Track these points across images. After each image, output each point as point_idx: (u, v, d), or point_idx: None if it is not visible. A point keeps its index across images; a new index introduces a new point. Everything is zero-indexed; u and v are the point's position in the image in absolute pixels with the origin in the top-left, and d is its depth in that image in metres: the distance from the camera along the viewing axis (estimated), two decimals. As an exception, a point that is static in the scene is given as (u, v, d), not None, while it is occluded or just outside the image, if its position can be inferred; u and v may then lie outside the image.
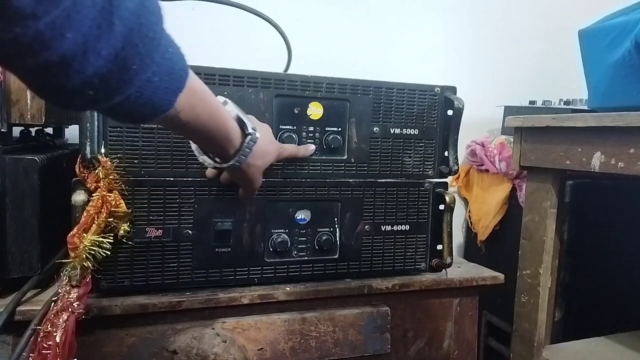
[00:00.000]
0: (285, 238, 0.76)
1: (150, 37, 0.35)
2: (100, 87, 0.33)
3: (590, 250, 1.07)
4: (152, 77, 0.37)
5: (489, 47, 1.49)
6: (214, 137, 0.54)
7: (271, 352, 0.73)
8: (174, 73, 0.40)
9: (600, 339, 0.96)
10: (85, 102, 0.35)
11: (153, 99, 0.39)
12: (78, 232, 0.61)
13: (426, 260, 0.85)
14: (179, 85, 0.41)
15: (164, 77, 0.38)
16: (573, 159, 0.81)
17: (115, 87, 0.35)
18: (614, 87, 0.82)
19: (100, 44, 0.31)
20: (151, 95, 0.38)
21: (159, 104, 0.40)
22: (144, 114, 0.40)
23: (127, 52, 0.33)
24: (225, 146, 0.56)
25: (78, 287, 0.61)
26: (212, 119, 0.51)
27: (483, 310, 1.30)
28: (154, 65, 0.36)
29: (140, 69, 0.35)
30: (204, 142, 0.58)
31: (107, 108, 0.38)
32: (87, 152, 0.64)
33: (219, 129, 0.53)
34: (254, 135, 0.58)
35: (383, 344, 0.80)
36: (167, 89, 0.39)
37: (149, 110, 0.40)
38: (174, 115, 0.44)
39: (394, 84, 0.80)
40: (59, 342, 0.58)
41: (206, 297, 0.71)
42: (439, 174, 0.85)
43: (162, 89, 0.39)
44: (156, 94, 0.38)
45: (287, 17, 0.99)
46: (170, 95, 0.40)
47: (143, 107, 0.39)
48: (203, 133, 0.52)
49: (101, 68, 0.32)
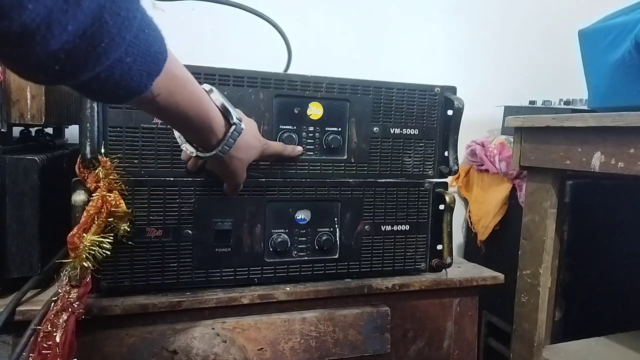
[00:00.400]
0: (285, 238, 0.76)
1: (123, 16, 0.34)
2: (67, 63, 0.33)
3: (590, 250, 1.07)
4: (124, 56, 0.36)
5: (489, 47, 1.49)
6: (194, 125, 0.53)
7: (271, 352, 0.73)
8: (150, 55, 0.39)
9: (600, 339, 0.96)
10: (52, 77, 0.34)
11: (125, 80, 0.38)
12: (78, 232, 0.61)
13: (426, 260, 0.85)
14: (154, 68, 0.40)
15: (138, 58, 0.38)
16: (573, 159, 0.81)
17: (82, 64, 0.34)
18: (614, 87, 0.82)
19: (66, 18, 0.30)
20: (123, 76, 0.37)
21: (132, 86, 0.39)
22: (117, 94, 0.39)
23: (95, 28, 0.32)
24: (207, 135, 0.55)
25: (78, 287, 0.61)
26: (193, 107, 0.50)
27: (483, 310, 1.30)
28: (124, 45, 0.35)
29: (109, 47, 0.34)
30: (185, 130, 0.57)
31: (76, 85, 0.37)
32: (87, 152, 0.64)
33: (201, 117, 0.52)
34: (239, 126, 0.57)
35: (383, 344, 0.80)
36: (140, 71, 0.39)
37: (122, 91, 0.39)
38: (150, 99, 0.43)
39: (394, 84, 0.80)
40: (59, 342, 0.58)
41: (206, 297, 0.71)
42: (439, 174, 0.85)
43: (135, 70, 0.38)
44: (129, 75, 0.38)
45: (287, 17, 0.99)
46: (144, 77, 0.40)
47: (115, 87, 0.38)
48: (183, 121, 0.51)
49: (67, 43, 0.31)
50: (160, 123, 0.68)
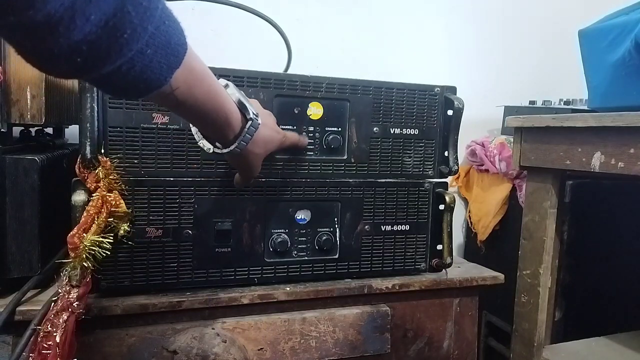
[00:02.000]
0: (285, 238, 0.76)
1: (145, 6, 0.33)
2: (89, 55, 0.32)
3: (590, 250, 1.07)
4: (145, 48, 0.35)
5: (489, 47, 1.49)
6: (212, 120, 0.52)
7: (271, 352, 0.73)
8: (170, 47, 0.38)
9: (600, 339, 0.96)
10: (73, 70, 0.34)
11: (146, 73, 0.37)
12: (78, 232, 0.61)
13: (426, 260, 0.85)
14: (175, 61, 0.39)
15: (159, 50, 0.37)
16: (573, 159, 0.81)
17: (104, 56, 0.33)
18: (614, 87, 0.82)
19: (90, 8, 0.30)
20: (144, 68, 0.37)
21: (153, 79, 0.38)
22: (137, 88, 0.38)
23: (118, 19, 0.32)
24: (224, 131, 0.54)
25: (78, 287, 0.61)
26: (210, 101, 0.49)
27: (483, 310, 1.30)
28: (146, 36, 0.35)
29: (131, 38, 0.33)
30: (202, 125, 0.56)
31: (97, 78, 0.36)
32: (87, 152, 0.64)
33: (218, 112, 0.51)
34: (255, 121, 0.56)
35: (383, 344, 0.80)
36: (161, 63, 0.38)
37: (142, 85, 0.38)
38: (169, 93, 0.42)
39: (394, 84, 0.80)
40: (59, 342, 0.58)
41: (206, 297, 0.71)
42: (439, 174, 0.85)
43: (155, 62, 0.37)
44: (149, 67, 0.37)
45: (287, 17, 0.99)
46: (165, 70, 0.39)
47: (136, 81, 0.37)
48: (201, 115, 0.50)
49: (90, 34, 0.31)
50: (161, 123, 0.68)
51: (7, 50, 0.66)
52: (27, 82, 0.67)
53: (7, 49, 0.66)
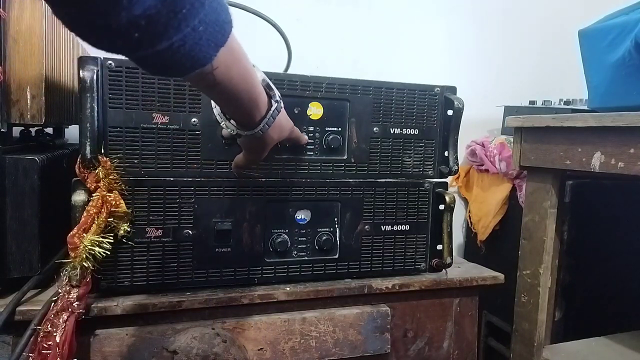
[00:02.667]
0: (285, 238, 0.76)
1: None
2: (147, 30, 0.31)
3: (590, 250, 1.07)
4: (198, 25, 0.34)
5: (489, 47, 1.49)
6: (243, 101, 0.51)
7: (271, 352, 0.73)
8: (218, 25, 0.37)
9: (600, 339, 0.96)
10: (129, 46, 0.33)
11: (194, 50, 0.36)
12: (78, 232, 0.61)
13: (426, 260, 0.85)
14: (221, 39, 0.38)
15: (209, 27, 0.36)
16: (573, 159, 0.81)
17: (161, 32, 0.32)
18: (614, 87, 0.82)
19: None
20: (193, 46, 0.36)
21: (200, 57, 0.37)
22: (182, 66, 0.37)
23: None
24: (252, 112, 0.53)
25: (78, 287, 0.61)
26: (244, 82, 0.48)
27: (483, 310, 1.30)
28: (202, 12, 0.34)
29: (189, 13, 0.33)
30: (232, 106, 0.54)
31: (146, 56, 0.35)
32: (87, 152, 0.64)
33: (250, 93, 0.51)
34: (280, 104, 0.56)
35: (383, 344, 0.80)
36: (209, 41, 0.37)
37: (188, 63, 0.37)
38: (208, 72, 0.42)
39: (394, 84, 0.80)
40: (59, 342, 0.58)
41: (206, 297, 0.71)
42: (439, 174, 0.85)
43: (204, 39, 0.36)
44: (198, 45, 0.36)
45: (288, 17, 0.99)
46: (211, 48, 0.38)
47: (183, 58, 0.36)
48: (233, 96, 0.49)
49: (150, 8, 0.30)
50: (161, 123, 0.68)
51: (7, 50, 0.66)
52: (27, 82, 0.67)
53: (7, 48, 0.66)
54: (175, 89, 0.68)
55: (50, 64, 0.71)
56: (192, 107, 0.69)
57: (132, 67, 0.66)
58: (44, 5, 0.67)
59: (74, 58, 0.84)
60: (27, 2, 0.66)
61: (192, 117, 0.69)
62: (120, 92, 0.66)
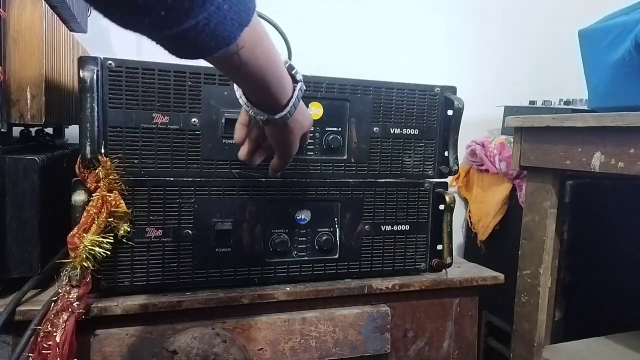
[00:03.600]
0: (285, 238, 0.76)
1: None
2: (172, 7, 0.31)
3: (590, 250, 1.07)
4: (223, 3, 0.34)
5: (489, 48, 1.49)
6: (269, 82, 0.50)
7: (271, 352, 0.73)
8: (242, 3, 0.37)
9: (600, 339, 0.96)
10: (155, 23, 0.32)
11: (219, 29, 0.36)
12: (78, 232, 0.61)
13: (426, 260, 0.85)
14: (246, 19, 0.38)
15: (233, 5, 0.36)
16: (573, 159, 0.81)
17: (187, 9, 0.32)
18: (614, 87, 0.82)
19: None
20: (218, 25, 0.35)
21: (224, 36, 0.37)
22: (207, 46, 0.37)
23: None
24: (278, 93, 0.52)
25: (78, 287, 0.61)
26: (269, 62, 0.47)
27: (483, 310, 1.30)
28: None
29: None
30: (258, 89, 0.52)
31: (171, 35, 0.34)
32: (87, 152, 0.64)
33: (275, 73, 0.49)
34: (302, 84, 0.55)
35: (383, 344, 0.80)
36: (233, 20, 0.36)
37: (213, 42, 0.37)
38: (233, 53, 0.41)
39: (394, 84, 0.80)
40: (59, 342, 0.58)
41: (206, 297, 0.71)
42: (439, 174, 0.85)
43: (229, 19, 0.36)
44: (223, 24, 0.36)
45: (288, 17, 0.99)
46: (235, 28, 0.37)
47: (207, 38, 0.36)
48: (260, 77, 0.48)
49: None
50: (161, 123, 0.68)
51: (7, 50, 0.66)
52: (27, 82, 0.67)
53: (7, 48, 0.66)
54: (175, 89, 0.68)
55: (50, 64, 0.71)
56: (192, 107, 0.69)
57: (132, 67, 0.66)
58: (44, 5, 0.67)
59: (74, 58, 0.84)
60: (27, 2, 0.66)
61: (192, 117, 0.69)
62: (120, 92, 0.66)
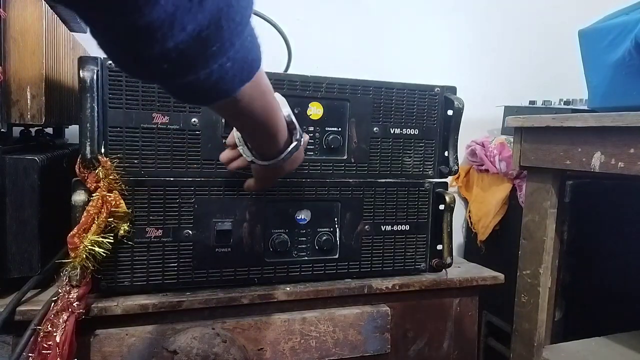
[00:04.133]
0: (285, 238, 0.76)
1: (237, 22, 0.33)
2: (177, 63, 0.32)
3: (590, 250, 1.07)
4: (226, 61, 0.35)
5: (489, 47, 1.49)
6: (262, 133, 0.52)
7: (271, 352, 0.73)
8: (246, 62, 0.38)
9: (600, 339, 0.96)
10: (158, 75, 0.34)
11: (219, 83, 0.37)
12: (78, 232, 0.61)
13: (426, 260, 0.85)
14: (247, 76, 0.39)
15: (236, 64, 0.37)
16: (573, 159, 0.81)
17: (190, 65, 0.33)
18: (614, 87, 0.82)
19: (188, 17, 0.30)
20: (219, 80, 0.36)
21: (224, 89, 0.38)
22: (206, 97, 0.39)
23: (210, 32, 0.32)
24: (269, 145, 0.54)
25: (78, 287, 0.61)
26: (266, 116, 0.49)
27: (483, 310, 1.30)
28: (232, 51, 0.35)
29: (219, 51, 0.34)
30: (250, 136, 0.55)
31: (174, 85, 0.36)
32: (87, 152, 0.64)
33: (270, 128, 0.51)
34: (300, 142, 0.57)
35: (383, 344, 0.80)
36: (234, 77, 0.38)
37: (213, 94, 0.38)
38: (231, 103, 0.43)
39: (394, 84, 0.80)
40: (59, 342, 0.58)
41: (206, 297, 0.71)
42: (439, 174, 0.85)
43: (231, 74, 0.37)
44: (224, 79, 0.37)
45: (287, 17, 0.99)
46: (236, 83, 0.39)
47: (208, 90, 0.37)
48: (253, 127, 0.50)
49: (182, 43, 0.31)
50: (161, 123, 0.68)
51: (7, 50, 0.66)
52: (27, 82, 0.67)
53: (7, 48, 0.66)
54: (175, 89, 0.68)
55: (50, 64, 0.71)
56: (192, 107, 0.69)
57: (132, 67, 0.66)
58: (44, 5, 0.67)
59: (74, 58, 0.84)
60: (27, 2, 0.66)
61: (192, 117, 0.69)
62: (120, 92, 0.66)
